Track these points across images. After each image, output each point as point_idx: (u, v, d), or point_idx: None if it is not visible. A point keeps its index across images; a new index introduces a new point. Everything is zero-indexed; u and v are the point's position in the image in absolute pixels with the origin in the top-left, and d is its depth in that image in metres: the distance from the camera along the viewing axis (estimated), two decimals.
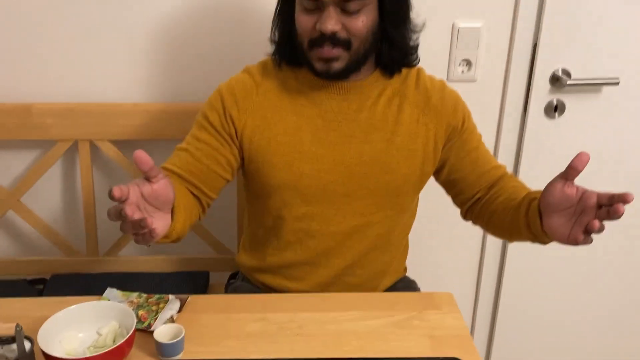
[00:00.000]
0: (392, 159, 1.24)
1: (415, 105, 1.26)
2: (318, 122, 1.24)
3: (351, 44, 1.14)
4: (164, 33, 1.61)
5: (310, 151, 1.23)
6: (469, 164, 1.30)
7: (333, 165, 1.24)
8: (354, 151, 1.24)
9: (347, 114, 1.23)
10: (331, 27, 1.11)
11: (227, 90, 1.25)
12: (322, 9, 1.11)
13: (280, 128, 1.23)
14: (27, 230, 1.78)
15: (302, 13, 1.15)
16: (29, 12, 1.56)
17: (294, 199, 1.25)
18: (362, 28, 1.13)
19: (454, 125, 1.27)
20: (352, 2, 1.10)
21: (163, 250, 1.78)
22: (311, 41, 1.15)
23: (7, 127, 1.61)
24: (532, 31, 1.65)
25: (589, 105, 1.73)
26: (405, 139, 1.25)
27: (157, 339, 1.01)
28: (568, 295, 1.97)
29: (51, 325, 1.01)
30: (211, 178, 1.24)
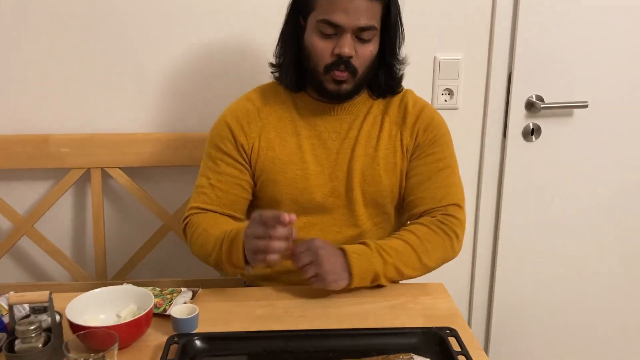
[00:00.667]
0: (376, 172, 1.36)
1: (394, 122, 1.38)
2: (315, 141, 1.37)
3: (357, 72, 1.28)
4: (172, 71, 1.75)
5: (310, 168, 1.35)
6: (414, 184, 1.36)
7: (328, 180, 1.36)
8: (344, 166, 1.36)
9: (339, 133, 1.37)
10: (349, 52, 1.24)
11: (231, 118, 1.38)
12: (340, 35, 1.24)
13: (283, 148, 1.36)
14: (39, 255, 1.86)
15: (319, 39, 1.26)
16: (47, 51, 1.71)
17: (296, 211, 1.36)
18: (369, 57, 1.28)
19: (420, 142, 1.37)
20: (366, 32, 1.24)
21: (168, 274, 1.86)
22: (327, 66, 1.27)
23: (25, 157, 1.73)
24: (507, 62, 1.82)
25: (563, 127, 1.88)
26: (386, 153, 1.37)
27: (174, 315, 1.10)
28: (562, 288, 2.03)
29: (76, 305, 1.09)
30: (240, 204, 1.38)
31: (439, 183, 1.35)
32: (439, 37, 1.80)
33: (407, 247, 1.27)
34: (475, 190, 1.93)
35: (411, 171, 1.38)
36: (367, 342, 1.05)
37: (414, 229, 1.31)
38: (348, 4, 1.21)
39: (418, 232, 1.30)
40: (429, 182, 1.35)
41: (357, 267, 1.21)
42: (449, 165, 1.37)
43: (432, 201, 1.34)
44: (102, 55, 1.73)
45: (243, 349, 1.05)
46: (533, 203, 1.93)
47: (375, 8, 1.24)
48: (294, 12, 1.33)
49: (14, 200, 1.79)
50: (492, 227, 1.97)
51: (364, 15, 1.22)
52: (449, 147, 1.40)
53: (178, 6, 1.70)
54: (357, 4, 1.21)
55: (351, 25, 1.22)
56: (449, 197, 1.35)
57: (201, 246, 1.31)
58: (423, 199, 1.35)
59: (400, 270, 1.25)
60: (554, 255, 1.99)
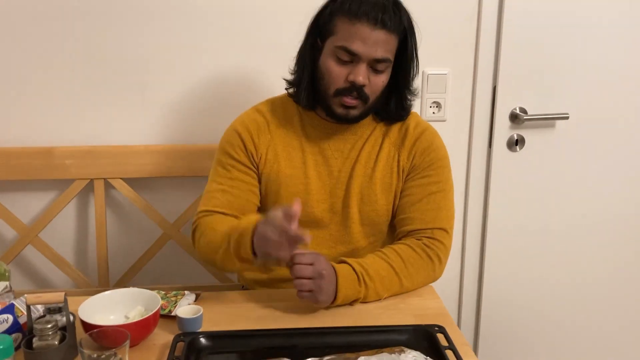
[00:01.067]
0: (372, 191, 1.41)
1: (393, 143, 1.42)
2: (318, 158, 1.41)
3: (369, 100, 1.31)
4: (172, 85, 1.82)
5: (312, 184, 1.40)
6: (406, 204, 1.40)
7: (328, 197, 1.42)
8: (344, 184, 1.41)
9: (342, 152, 1.41)
10: (362, 80, 1.27)
11: (242, 128, 1.41)
12: (356, 63, 1.27)
13: (288, 163, 1.40)
14: (43, 263, 1.92)
15: (335, 63, 1.29)
16: (51, 66, 1.78)
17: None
18: (381, 87, 1.31)
19: (417, 163, 1.40)
20: (381, 63, 1.27)
21: (168, 281, 1.93)
22: (338, 90, 1.29)
23: (30, 168, 1.79)
24: (491, 76, 1.91)
25: (546, 138, 1.97)
26: (383, 174, 1.41)
27: (180, 315, 1.17)
28: (546, 289, 2.12)
29: (87, 306, 1.16)
30: (250, 208, 1.41)
31: (429, 206, 1.38)
32: (427, 53, 1.86)
33: (390, 271, 1.30)
34: (463, 198, 2.01)
35: (405, 191, 1.41)
36: (360, 338, 1.12)
37: (399, 250, 1.34)
38: (367, 34, 1.24)
39: (403, 254, 1.33)
40: (420, 203, 1.39)
41: (343, 292, 1.24)
42: (442, 190, 1.40)
43: (421, 222, 1.38)
44: (104, 70, 1.79)
45: (245, 346, 1.11)
46: (518, 210, 2.02)
47: (392, 41, 1.27)
48: (313, 33, 1.35)
49: (19, 210, 1.86)
50: (480, 233, 2.05)
51: (381, 47, 1.25)
52: (444, 172, 1.42)
53: (180, 22, 1.77)
54: (376, 35, 1.24)
55: (368, 55, 1.25)
56: (436, 220, 1.38)
57: (209, 243, 1.33)
58: (412, 219, 1.39)
59: (379, 295, 1.30)
60: (539, 259, 2.08)
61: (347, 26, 1.26)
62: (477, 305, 2.12)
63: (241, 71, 1.83)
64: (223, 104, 1.85)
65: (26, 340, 1.03)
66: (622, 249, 2.11)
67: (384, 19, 1.24)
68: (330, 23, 1.29)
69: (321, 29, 1.33)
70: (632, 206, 2.07)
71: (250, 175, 1.41)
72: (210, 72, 1.83)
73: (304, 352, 1.05)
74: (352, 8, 1.26)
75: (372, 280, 1.28)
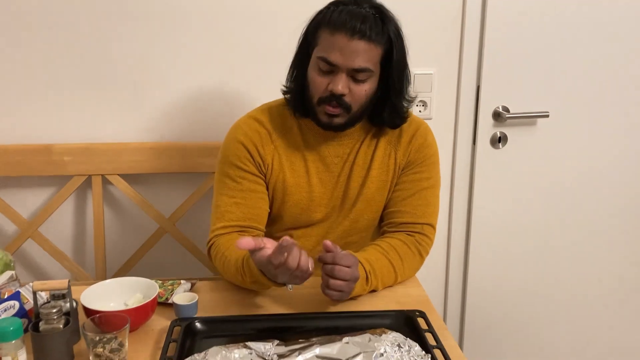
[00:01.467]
0: (369, 190, 1.46)
1: (388, 142, 1.45)
2: (319, 165, 1.45)
3: (351, 109, 1.32)
4: (167, 84, 1.89)
5: (315, 191, 1.45)
6: (397, 197, 1.45)
7: (328, 200, 1.47)
8: (343, 185, 1.46)
9: (342, 157, 1.45)
10: (341, 89, 1.28)
11: (246, 139, 1.41)
12: (335, 73, 1.28)
13: (292, 172, 1.44)
14: (42, 256, 1.98)
15: (317, 74, 1.31)
16: (51, 67, 1.84)
17: (295, 225, 1.48)
18: (364, 96, 1.31)
19: (412, 159, 1.44)
20: (361, 73, 1.28)
21: (164, 274, 1.99)
22: (320, 99, 1.32)
23: (30, 165, 1.85)
24: (475, 76, 1.99)
25: (527, 135, 2.05)
26: (379, 172, 1.45)
27: (176, 302, 1.24)
28: (526, 279, 2.20)
29: (89, 294, 1.23)
30: (263, 217, 1.44)
31: (420, 201, 1.43)
32: (413, 53, 1.90)
33: (390, 269, 1.36)
34: (449, 193, 2.09)
35: (397, 185, 1.45)
36: (345, 322, 1.19)
37: (397, 247, 1.39)
38: (345, 44, 1.25)
39: (400, 251, 1.39)
40: (412, 198, 1.43)
41: (355, 290, 1.28)
42: (432, 186, 1.46)
43: (411, 216, 1.43)
44: (101, 70, 1.86)
45: (238, 330, 1.18)
46: (501, 204, 2.10)
47: (372, 51, 1.27)
48: (304, 45, 1.37)
49: (20, 206, 1.92)
50: (465, 226, 2.13)
51: (360, 57, 1.26)
52: (435, 168, 1.47)
53: (176, 22, 1.84)
54: (354, 45, 1.25)
55: (346, 65, 1.26)
56: (426, 216, 1.44)
57: (224, 270, 1.36)
58: (403, 212, 1.44)
59: (377, 289, 1.36)
60: (521, 251, 2.16)
61: (327, 37, 1.28)
62: (462, 297, 2.20)
63: (236, 71, 1.90)
64: (217, 103, 1.91)
65: (33, 324, 1.10)
66: (601, 241, 2.19)
67: (363, 29, 1.25)
68: (315, 34, 1.32)
69: (309, 40, 1.35)
70: (608, 200, 2.15)
71: (259, 184, 1.43)
72: (205, 72, 1.89)
73: (293, 335, 1.12)
74: (332, 19, 1.28)
75: (376, 278, 1.33)
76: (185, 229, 1.95)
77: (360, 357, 1.00)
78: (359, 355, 1.00)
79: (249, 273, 1.26)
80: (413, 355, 1.03)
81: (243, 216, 1.40)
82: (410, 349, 1.04)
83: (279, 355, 1.00)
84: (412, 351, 1.04)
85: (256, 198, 1.42)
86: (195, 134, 1.93)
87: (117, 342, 1.07)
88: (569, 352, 2.30)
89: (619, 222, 2.18)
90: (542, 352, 2.29)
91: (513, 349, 2.27)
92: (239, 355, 1.00)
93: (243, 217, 1.40)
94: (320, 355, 1.00)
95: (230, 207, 1.40)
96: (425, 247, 1.44)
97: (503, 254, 2.16)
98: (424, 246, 1.44)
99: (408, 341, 1.05)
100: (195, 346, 1.14)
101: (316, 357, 0.99)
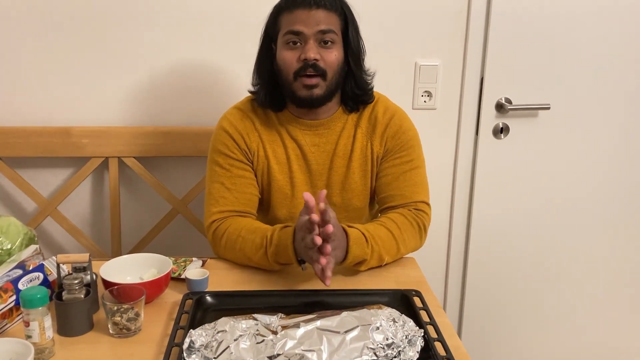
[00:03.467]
0: (352, 180, 1.54)
1: (365, 133, 1.53)
2: (298, 152, 1.53)
3: (327, 74, 1.41)
4: (181, 71, 1.96)
5: (296, 177, 1.53)
6: (384, 184, 1.53)
7: (309, 187, 1.55)
8: (324, 176, 1.54)
9: (319, 146, 1.53)
10: (313, 55, 1.38)
11: (232, 129, 1.51)
12: (304, 42, 1.39)
13: (274, 159, 1.53)
14: (61, 234, 2.08)
15: (286, 49, 1.41)
16: (70, 53, 1.92)
17: (283, 211, 1.56)
18: (335, 60, 1.41)
19: (389, 147, 1.52)
20: (327, 34, 1.39)
21: (176, 252, 2.08)
22: (296, 72, 1.40)
23: (50, 146, 1.94)
24: (479, 67, 2.05)
25: (529, 126, 2.11)
26: (359, 162, 1.53)
27: (189, 277, 1.33)
28: (526, 266, 2.27)
29: (107, 268, 1.32)
30: (255, 202, 1.54)
31: (407, 182, 1.51)
32: (420, 44, 2.02)
33: (390, 236, 1.42)
34: (451, 182, 2.16)
35: (381, 172, 1.53)
36: (346, 299, 1.27)
37: (394, 218, 1.46)
38: (306, 15, 1.38)
39: (398, 221, 1.45)
40: (398, 181, 1.51)
41: (353, 252, 1.34)
42: (417, 166, 1.52)
43: (402, 198, 1.50)
44: (119, 58, 1.93)
45: (245, 304, 1.26)
46: (502, 193, 2.16)
47: (332, 18, 1.40)
48: (266, 40, 1.48)
49: (40, 185, 2.01)
50: (466, 215, 2.19)
51: (323, 22, 1.38)
52: (415, 150, 1.53)
53: (191, 11, 1.91)
54: (314, 14, 1.38)
55: (311, 31, 1.38)
56: (417, 195, 1.51)
57: (239, 251, 1.43)
58: (394, 196, 1.51)
59: (382, 258, 1.41)
60: (520, 238, 2.23)
61: (288, 17, 1.41)
62: (462, 284, 2.27)
63: (250, 58, 1.95)
64: (230, 89, 1.99)
65: (57, 294, 1.19)
66: (602, 231, 2.26)
67: (318, 0, 1.38)
68: (275, 24, 1.44)
69: (270, 33, 1.47)
70: (608, 192, 2.21)
71: (248, 171, 1.51)
72: (219, 58, 1.96)
73: (296, 309, 1.20)
74: (288, 2, 1.41)
75: (376, 243, 1.38)
76: (197, 211, 2.03)
77: (358, 330, 1.08)
78: (356, 328, 1.08)
79: (277, 244, 1.34)
80: (407, 330, 1.10)
81: (237, 201, 1.49)
82: (404, 324, 1.11)
83: (282, 327, 1.08)
84: (407, 326, 1.11)
85: (246, 184, 1.51)
86: (208, 119, 2.00)
87: (134, 312, 1.17)
88: (572, 349, 2.38)
89: (619, 212, 2.23)
90: (545, 348, 2.36)
91: (513, 338, 2.35)
92: (246, 325, 1.08)
93: (237, 202, 1.49)
94: (320, 327, 1.07)
95: (224, 193, 1.49)
96: (422, 220, 1.49)
97: (504, 242, 2.22)
98: (421, 218, 1.49)
99: (403, 317, 1.13)
100: (206, 317, 1.22)
101: (317, 328, 1.07)
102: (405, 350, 1.07)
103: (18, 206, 2.06)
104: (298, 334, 1.06)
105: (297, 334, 1.06)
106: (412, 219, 1.49)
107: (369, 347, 1.05)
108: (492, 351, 2.34)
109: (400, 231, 1.45)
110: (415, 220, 1.49)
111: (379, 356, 1.05)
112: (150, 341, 1.16)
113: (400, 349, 1.07)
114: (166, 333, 1.19)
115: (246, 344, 1.05)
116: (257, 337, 1.05)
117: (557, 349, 2.37)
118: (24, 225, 1.51)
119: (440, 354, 1.08)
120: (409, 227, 1.48)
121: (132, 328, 1.17)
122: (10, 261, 1.32)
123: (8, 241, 1.43)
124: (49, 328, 1.10)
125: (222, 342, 1.05)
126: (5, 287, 1.19)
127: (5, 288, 1.18)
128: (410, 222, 1.48)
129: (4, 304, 1.16)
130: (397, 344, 1.07)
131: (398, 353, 1.06)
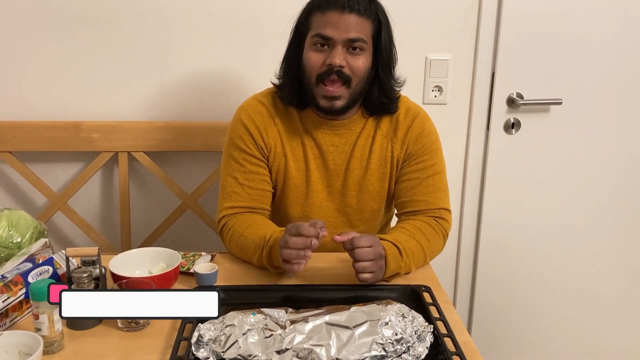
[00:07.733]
0: (369, 182, 1.52)
1: (385, 135, 1.50)
2: (316, 151, 1.51)
3: (351, 82, 1.38)
4: (191, 65, 1.96)
5: (313, 176, 1.52)
6: (406, 188, 1.50)
7: (326, 186, 1.53)
8: (340, 176, 1.52)
9: (337, 147, 1.51)
10: (339, 61, 1.35)
11: (250, 122, 1.49)
12: (332, 47, 1.36)
13: (292, 156, 1.51)
14: (71, 228, 2.08)
15: (313, 51, 1.38)
16: (81, 49, 1.92)
17: (297, 210, 1.55)
18: (362, 67, 1.38)
19: (411, 151, 1.49)
20: (356, 43, 1.36)
21: (185, 247, 2.08)
22: (319, 76, 1.37)
23: (60, 141, 1.95)
24: (491, 62, 2.03)
25: (540, 122, 2.09)
26: (378, 165, 1.51)
27: (197, 271, 1.32)
28: (536, 263, 2.25)
29: (116, 262, 1.32)
30: (267, 197, 1.53)
31: (430, 188, 1.48)
32: (430, 39, 2.00)
33: (419, 248, 1.40)
34: (462, 177, 2.14)
35: (403, 176, 1.50)
36: (355, 294, 1.27)
37: (422, 228, 1.44)
38: (338, 19, 1.34)
39: (427, 233, 1.43)
40: (420, 187, 1.48)
41: (391, 267, 1.32)
42: (439, 171, 1.51)
43: (425, 204, 1.48)
44: (129, 53, 1.93)
45: (253, 298, 1.26)
46: (512, 188, 2.15)
47: (364, 24, 1.36)
48: (296, 36, 1.45)
49: (50, 179, 2.02)
50: (476, 211, 2.18)
51: (353, 29, 1.34)
52: (437, 154, 1.51)
53: (200, 5, 1.90)
54: (346, 19, 1.34)
55: (341, 37, 1.34)
56: (440, 201, 1.49)
57: (241, 249, 1.44)
58: (417, 202, 1.49)
59: (410, 269, 1.39)
60: (532, 234, 2.21)
61: (319, 17, 1.37)
62: (472, 280, 2.26)
63: (260, 51, 1.96)
64: (240, 83, 1.98)
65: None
66: (615, 227, 2.23)
67: (352, 4, 1.34)
68: (307, 22, 1.40)
69: (300, 30, 1.43)
70: (619, 187, 2.19)
71: (262, 167, 1.50)
72: (230, 52, 1.95)
73: (304, 304, 1.19)
74: (322, 2, 1.37)
75: (408, 257, 1.37)
76: (206, 205, 2.03)
77: (367, 325, 1.07)
78: (365, 323, 1.07)
79: (271, 246, 1.34)
80: (416, 325, 1.10)
81: (248, 197, 1.48)
82: (414, 319, 1.11)
83: (291, 321, 1.08)
84: (416, 321, 1.11)
85: (259, 180, 1.49)
86: (218, 114, 2.00)
87: None
88: (579, 345, 2.36)
89: (634, 208, 2.21)
90: (552, 343, 2.35)
91: (525, 334, 2.33)
92: (255, 320, 1.08)
93: (248, 198, 1.48)
94: (329, 322, 1.07)
95: (236, 188, 1.48)
96: (446, 230, 1.49)
97: (515, 238, 2.21)
98: (445, 229, 1.49)
99: (412, 312, 1.13)
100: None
101: (325, 323, 1.07)
102: (414, 346, 1.06)
103: (28, 200, 2.07)
104: (306, 328, 1.06)
105: (305, 329, 1.05)
106: (438, 229, 1.47)
107: (378, 342, 1.05)
108: (501, 348, 2.33)
109: (429, 243, 1.44)
110: (441, 231, 1.48)
111: (388, 351, 1.04)
112: (158, 335, 1.17)
113: (409, 345, 1.06)
114: (175, 327, 1.19)
115: (254, 338, 1.05)
116: (266, 331, 1.05)
117: (567, 347, 2.35)
118: (34, 219, 1.51)
119: (450, 349, 1.08)
120: (436, 238, 1.46)
121: (141, 322, 1.17)
122: (20, 254, 1.33)
123: (18, 235, 1.43)
124: (58, 321, 1.10)
125: (231, 336, 1.05)
126: (15, 280, 1.19)
127: (15, 281, 1.19)
128: (437, 232, 1.47)
129: (14, 297, 1.17)
130: (407, 340, 1.06)
131: (407, 348, 1.06)
